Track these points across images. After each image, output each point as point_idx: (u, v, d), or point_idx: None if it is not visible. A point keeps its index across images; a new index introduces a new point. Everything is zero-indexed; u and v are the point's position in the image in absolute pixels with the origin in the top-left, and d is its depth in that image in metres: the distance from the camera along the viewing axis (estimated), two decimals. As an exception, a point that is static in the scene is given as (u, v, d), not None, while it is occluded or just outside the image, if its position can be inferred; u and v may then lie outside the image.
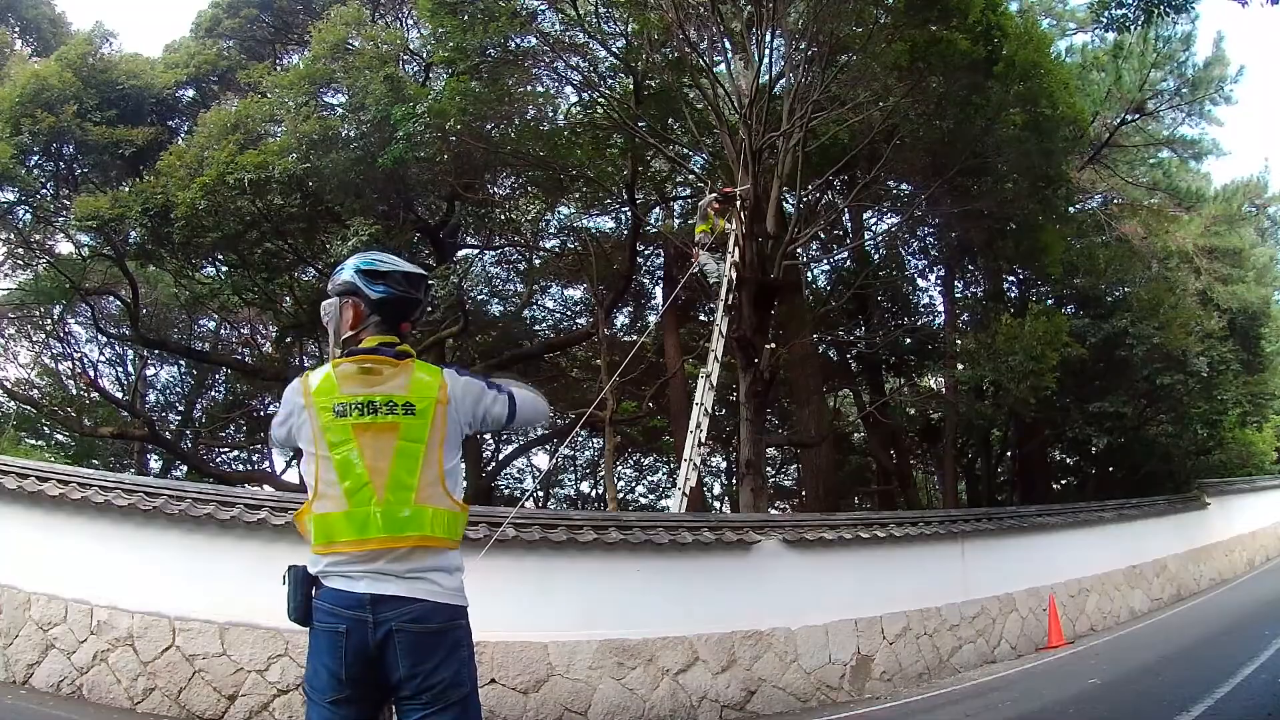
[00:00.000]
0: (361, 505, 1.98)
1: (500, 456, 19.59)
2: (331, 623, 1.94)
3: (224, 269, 13.31)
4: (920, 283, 15.61)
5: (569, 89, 12.02)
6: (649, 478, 23.02)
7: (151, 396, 18.16)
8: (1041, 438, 15.64)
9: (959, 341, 13.55)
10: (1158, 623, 10.48)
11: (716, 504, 20.61)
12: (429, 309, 10.42)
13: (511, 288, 17.22)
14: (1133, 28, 7.75)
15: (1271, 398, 16.70)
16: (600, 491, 20.91)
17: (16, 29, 14.07)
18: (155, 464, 17.56)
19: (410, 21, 13.26)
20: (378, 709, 1.97)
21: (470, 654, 2.00)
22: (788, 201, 11.08)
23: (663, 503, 20.62)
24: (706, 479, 19.93)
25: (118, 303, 14.37)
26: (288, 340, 15.81)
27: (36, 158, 11.95)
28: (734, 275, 9.59)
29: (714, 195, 9.87)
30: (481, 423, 2.21)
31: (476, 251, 15.69)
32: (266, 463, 17.90)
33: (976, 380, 12.48)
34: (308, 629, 2.01)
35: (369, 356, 2.06)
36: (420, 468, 2.01)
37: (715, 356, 9.33)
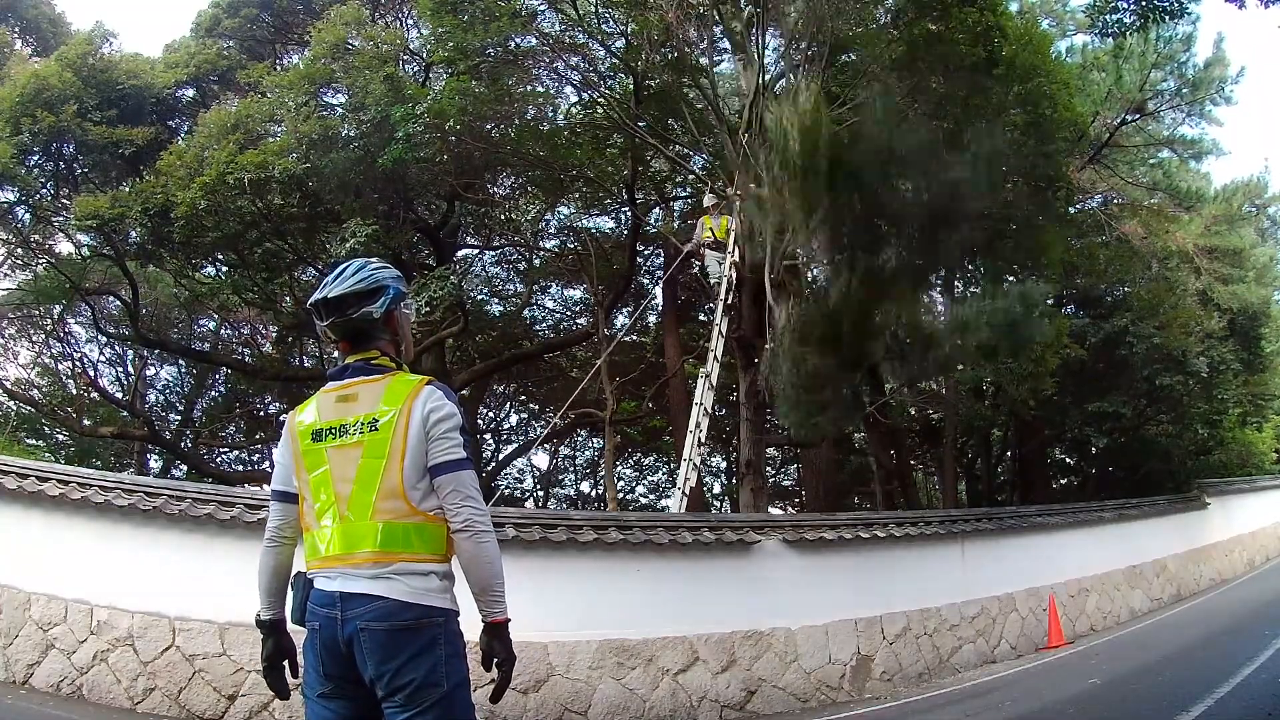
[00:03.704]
0: (328, 525, 2.03)
1: (500, 457, 19.62)
2: (310, 620, 2.01)
3: (224, 269, 13.31)
4: (920, 283, 15.58)
5: (569, 89, 12.03)
6: (649, 478, 23.05)
7: (151, 396, 18.17)
8: (1041, 438, 15.64)
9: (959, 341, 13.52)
10: (1158, 623, 10.49)
11: (716, 504, 20.60)
12: (426, 309, 10.41)
13: (511, 288, 17.24)
14: (1130, 34, 7.76)
15: (1271, 398, 16.71)
16: (600, 491, 20.92)
17: (16, 29, 14.04)
18: (155, 464, 17.57)
19: (410, 21, 13.25)
20: (371, 709, 1.96)
21: (451, 654, 1.97)
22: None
23: (663, 503, 20.62)
24: (706, 479, 19.95)
25: (118, 303, 14.36)
26: (288, 340, 15.83)
27: (36, 157, 11.92)
28: (734, 275, 9.61)
29: (711, 200, 9.96)
30: (427, 471, 2.04)
31: (476, 251, 15.70)
32: (266, 463, 17.89)
33: (976, 381, 12.47)
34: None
35: (347, 384, 2.10)
36: (379, 483, 2.00)
37: (715, 356, 9.34)
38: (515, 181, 13.13)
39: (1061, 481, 17.88)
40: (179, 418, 18.25)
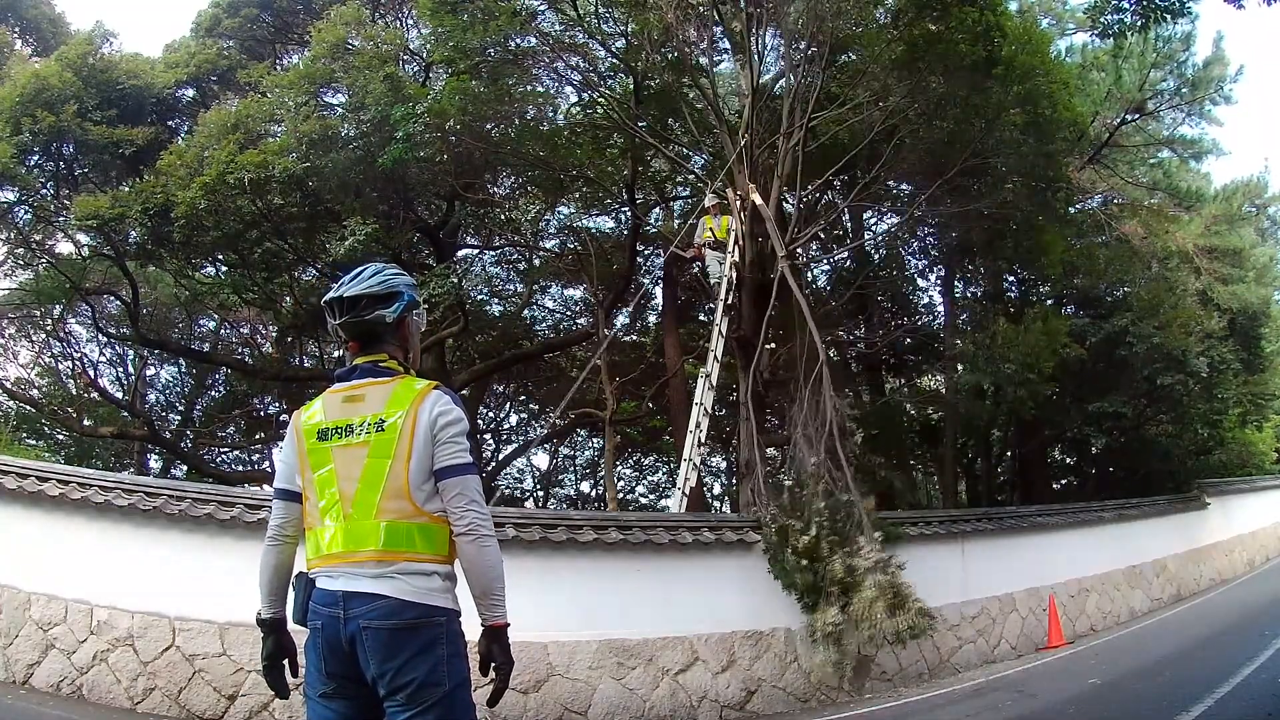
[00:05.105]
0: (331, 523, 2.04)
1: (500, 456, 19.61)
2: (313, 619, 2.02)
3: (224, 269, 13.30)
4: (920, 283, 15.60)
5: (569, 89, 12.04)
6: (649, 478, 22.99)
7: (151, 396, 18.13)
8: (1041, 438, 15.62)
9: (958, 343, 13.55)
10: (1158, 623, 10.49)
11: (716, 504, 20.58)
12: (425, 307, 10.38)
13: (511, 288, 17.21)
14: (1130, 34, 7.74)
15: (1271, 398, 16.69)
16: (600, 491, 20.90)
17: (16, 29, 14.03)
18: (155, 464, 17.55)
19: (410, 21, 13.24)
20: (372, 709, 1.97)
21: (452, 654, 1.98)
22: (788, 202, 11.08)
23: (663, 503, 20.61)
24: (706, 479, 19.90)
25: (118, 303, 14.35)
26: (288, 340, 15.82)
27: (36, 157, 11.91)
28: (734, 275, 9.61)
29: (713, 200, 9.97)
30: (432, 473, 2.06)
31: (476, 251, 15.67)
32: (266, 463, 17.88)
33: (976, 382, 12.48)
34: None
35: (355, 385, 2.11)
36: (384, 482, 2.01)
37: (715, 356, 9.34)
38: (515, 181, 13.13)
39: (1062, 481, 17.86)
40: (179, 418, 18.22)
